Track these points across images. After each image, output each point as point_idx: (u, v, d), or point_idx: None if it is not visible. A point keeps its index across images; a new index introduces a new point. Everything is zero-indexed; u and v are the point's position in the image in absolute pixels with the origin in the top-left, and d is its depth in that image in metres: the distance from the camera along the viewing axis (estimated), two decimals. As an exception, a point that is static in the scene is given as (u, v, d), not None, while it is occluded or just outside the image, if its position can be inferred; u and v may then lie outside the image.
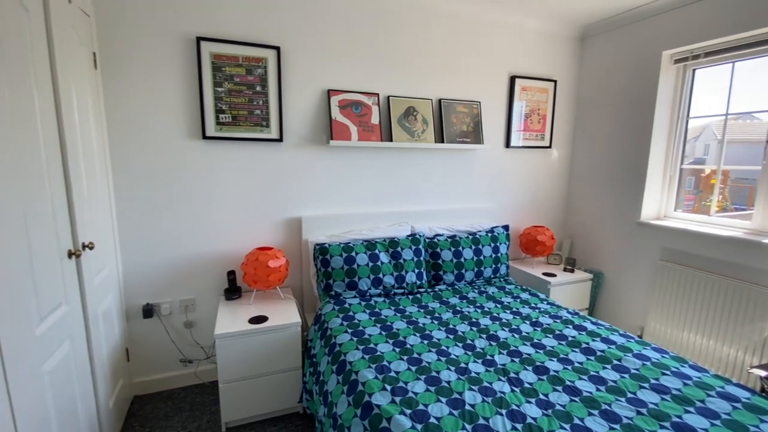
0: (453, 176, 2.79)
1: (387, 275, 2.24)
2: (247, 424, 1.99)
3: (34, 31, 1.31)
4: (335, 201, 2.49)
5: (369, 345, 1.71)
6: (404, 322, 1.95)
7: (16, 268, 1.13)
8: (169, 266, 2.19)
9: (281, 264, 2.15)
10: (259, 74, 2.17)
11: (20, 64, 1.21)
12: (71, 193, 1.49)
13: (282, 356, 1.96)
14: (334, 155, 2.43)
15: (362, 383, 1.46)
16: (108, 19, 1.90)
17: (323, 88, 2.34)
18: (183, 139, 2.11)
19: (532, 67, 2.91)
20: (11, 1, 1.18)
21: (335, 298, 2.16)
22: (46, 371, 1.27)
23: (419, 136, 2.53)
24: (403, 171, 2.63)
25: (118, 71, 1.95)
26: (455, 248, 2.45)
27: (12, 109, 1.15)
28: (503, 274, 2.62)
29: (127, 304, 2.14)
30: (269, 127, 2.24)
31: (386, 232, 2.46)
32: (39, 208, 1.28)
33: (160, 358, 2.25)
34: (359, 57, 2.39)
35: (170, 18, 1.99)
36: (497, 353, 1.69)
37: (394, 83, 2.50)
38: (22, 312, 1.15)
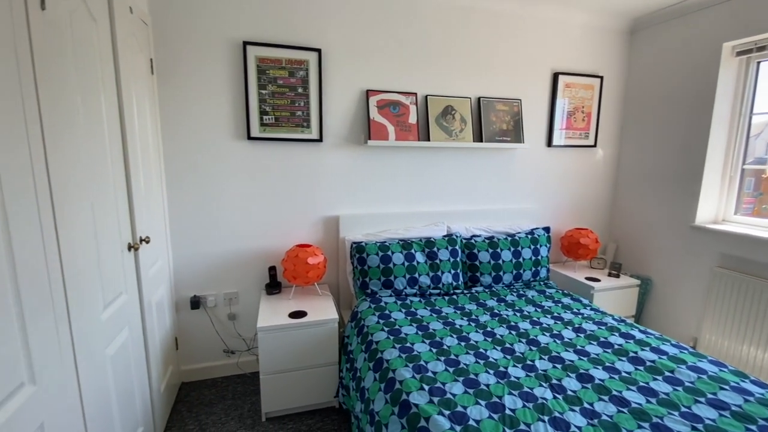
0: (491, 176, 2.74)
1: (423, 275, 2.24)
2: (285, 416, 2.05)
3: (101, 40, 1.42)
4: (372, 200, 2.51)
5: (405, 344, 1.72)
6: (440, 322, 1.94)
7: (86, 259, 1.23)
8: (214, 260, 2.30)
9: (320, 261, 2.20)
10: (301, 76, 2.23)
11: (90, 72, 1.31)
12: (131, 191, 1.60)
13: (320, 351, 2.00)
14: (371, 155, 2.46)
15: (399, 382, 1.47)
16: (163, 27, 2.02)
17: (362, 89, 2.37)
18: (229, 139, 2.21)
19: (577, 63, 2.80)
20: (82, 13, 1.28)
21: (371, 296, 2.19)
22: (109, 354, 1.38)
23: (457, 136, 2.50)
24: (439, 171, 2.61)
25: (172, 76, 2.07)
26: (493, 250, 2.40)
27: (85, 114, 1.25)
28: (543, 278, 2.54)
29: (176, 295, 2.27)
30: (310, 128, 2.29)
31: (422, 232, 2.46)
32: (105, 205, 1.38)
33: (205, 348, 2.37)
34: (397, 57, 2.40)
35: (220, 25, 2.09)
36: (538, 358, 1.65)
37: (432, 82, 2.49)
38: (91, 299, 1.26)
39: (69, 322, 1.11)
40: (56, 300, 1.06)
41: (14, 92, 0.92)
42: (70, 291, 1.12)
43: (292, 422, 2.01)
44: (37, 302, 0.97)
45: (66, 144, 1.14)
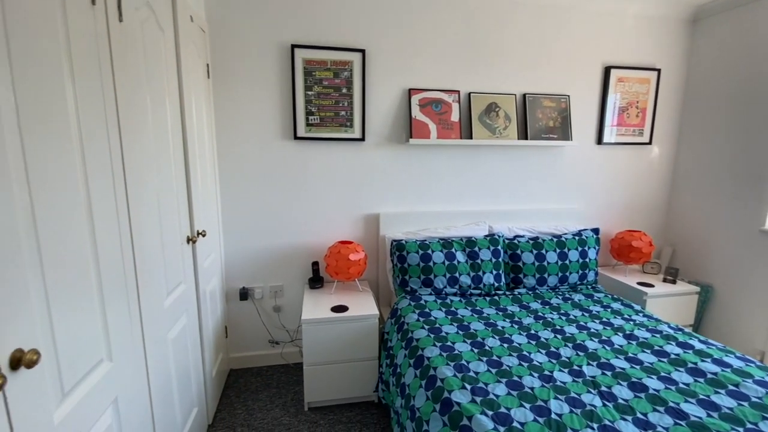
0: (536, 174, 2.66)
1: (463, 275, 2.22)
2: (326, 407, 2.12)
3: (167, 47, 1.53)
4: (412, 199, 2.52)
5: (446, 343, 1.72)
6: (482, 323, 1.91)
7: (153, 250, 1.34)
8: (262, 254, 2.41)
9: (361, 258, 2.24)
10: (345, 77, 2.28)
11: (158, 76, 1.42)
12: (190, 187, 1.71)
13: (360, 345, 2.04)
14: (412, 153, 2.47)
15: (441, 379, 1.47)
16: (219, 34, 2.14)
17: (404, 88, 2.38)
18: (277, 139, 2.30)
19: (631, 56, 2.65)
20: (151, 23, 1.39)
21: (411, 294, 2.20)
22: (171, 338, 1.49)
23: (501, 133, 2.45)
24: (482, 169, 2.57)
25: (225, 80, 2.19)
26: (537, 251, 2.34)
27: (153, 116, 1.36)
28: (591, 281, 2.43)
29: (227, 286, 2.40)
30: (353, 127, 2.34)
31: (463, 231, 2.43)
32: (169, 201, 1.49)
33: (252, 337, 2.50)
34: (440, 55, 2.39)
35: (270, 29, 2.18)
36: (585, 364, 1.59)
37: (475, 79, 2.46)
38: (156, 286, 1.36)
39: (139, 306, 1.22)
40: (129, 286, 1.16)
41: (97, 95, 1.02)
42: (140, 279, 1.23)
43: (332, 413, 2.07)
44: (114, 288, 1.07)
45: (138, 144, 1.24)
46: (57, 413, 0.84)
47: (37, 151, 0.79)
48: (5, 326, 0.70)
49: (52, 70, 0.85)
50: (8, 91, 0.72)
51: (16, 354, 0.72)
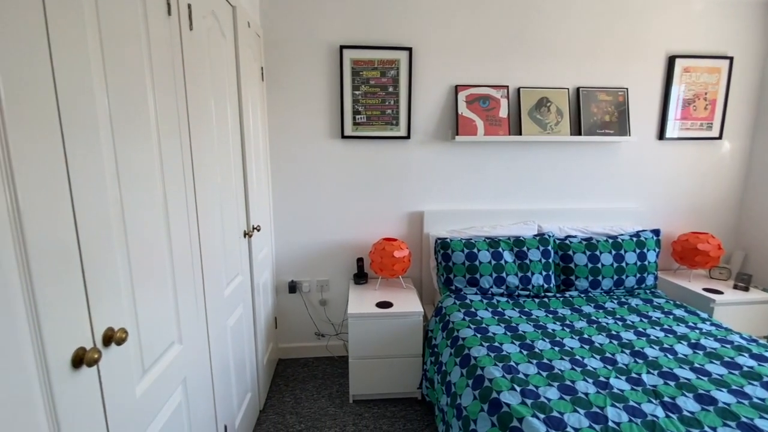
0: (590, 172, 2.53)
1: (511, 275, 2.16)
2: (370, 400, 2.15)
3: (228, 52, 1.62)
4: (457, 196, 2.50)
5: (493, 343, 1.69)
6: (531, 325, 1.86)
7: (215, 243, 1.43)
8: (309, 250, 2.49)
9: (405, 255, 2.26)
10: (392, 75, 2.30)
11: (220, 79, 1.52)
12: (247, 185, 1.81)
13: (404, 342, 2.06)
14: (458, 151, 2.44)
15: (489, 380, 1.45)
16: (272, 38, 2.24)
17: (451, 84, 2.36)
18: (325, 138, 2.37)
19: (698, 44, 2.45)
20: (216, 30, 1.49)
21: (456, 293, 2.18)
22: (229, 326, 1.59)
23: (552, 129, 2.36)
24: (531, 166, 2.49)
25: (278, 82, 2.28)
26: (591, 252, 2.23)
27: (216, 117, 1.46)
28: (650, 286, 2.28)
29: (277, 279, 2.51)
30: (398, 125, 2.36)
31: (510, 231, 2.37)
32: (228, 198, 1.59)
33: (299, 329, 2.59)
34: (488, 50, 2.34)
35: (320, 32, 2.25)
36: (645, 372, 1.50)
37: (525, 74, 2.38)
38: (218, 277, 1.46)
39: (204, 294, 1.31)
40: (196, 275, 1.25)
41: (171, 98, 1.11)
42: (205, 269, 1.32)
43: (376, 407, 2.10)
44: (184, 276, 1.16)
45: (203, 144, 1.33)
46: (138, 388, 0.93)
47: (125, 149, 0.87)
48: (100, 306, 0.78)
49: (136, 76, 0.93)
50: (103, 96, 0.81)
51: (107, 332, 0.80)
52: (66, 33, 0.70)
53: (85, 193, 0.74)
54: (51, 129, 0.66)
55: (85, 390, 0.74)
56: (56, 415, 0.66)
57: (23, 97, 0.61)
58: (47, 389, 0.65)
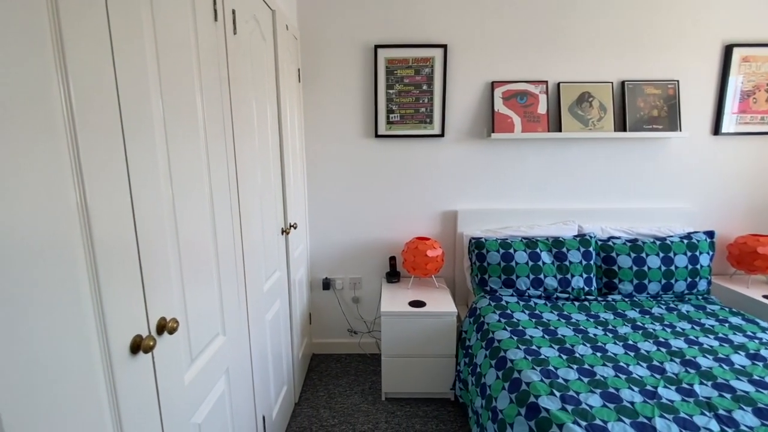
0: (636, 170, 2.40)
1: (549, 277, 2.10)
2: (403, 399, 2.16)
3: (268, 56, 1.68)
4: (492, 195, 2.44)
5: (531, 346, 1.64)
6: (570, 329, 1.79)
7: (255, 239, 1.48)
8: (343, 247, 2.53)
9: (438, 254, 2.24)
10: (426, 73, 2.28)
11: (260, 81, 1.57)
12: (285, 183, 1.86)
13: (437, 342, 2.05)
14: (494, 148, 2.39)
15: (526, 383, 1.41)
16: (308, 40, 2.28)
17: (487, 81, 2.31)
18: (359, 138, 2.39)
19: (759, 31, 2.26)
20: (257, 34, 1.54)
21: (491, 293, 2.14)
22: (268, 319, 1.64)
23: (594, 125, 2.26)
24: (571, 164, 2.40)
25: (314, 83, 2.33)
26: (636, 254, 2.11)
27: (257, 118, 1.51)
28: (703, 291, 2.14)
29: (311, 276, 2.56)
30: (432, 124, 2.34)
31: (548, 231, 2.30)
32: (268, 197, 1.64)
33: (332, 326, 2.64)
34: (526, 44, 2.27)
35: (355, 32, 2.27)
36: (698, 383, 1.40)
37: (565, 68, 2.29)
38: (257, 272, 1.51)
39: (245, 288, 1.36)
40: (238, 270, 1.30)
41: (217, 100, 1.16)
42: (246, 264, 1.37)
43: (409, 406, 2.10)
44: (228, 271, 1.21)
45: (245, 144, 1.38)
46: (187, 375, 0.98)
47: (176, 151, 0.92)
48: (154, 297, 0.83)
49: (186, 80, 0.98)
50: (158, 100, 0.86)
51: (161, 321, 0.85)
52: (127, 42, 0.75)
53: (142, 192, 0.79)
54: (114, 133, 0.71)
55: (141, 375, 0.79)
56: (116, 397, 0.71)
57: (91, 104, 0.65)
58: (109, 372, 0.70)
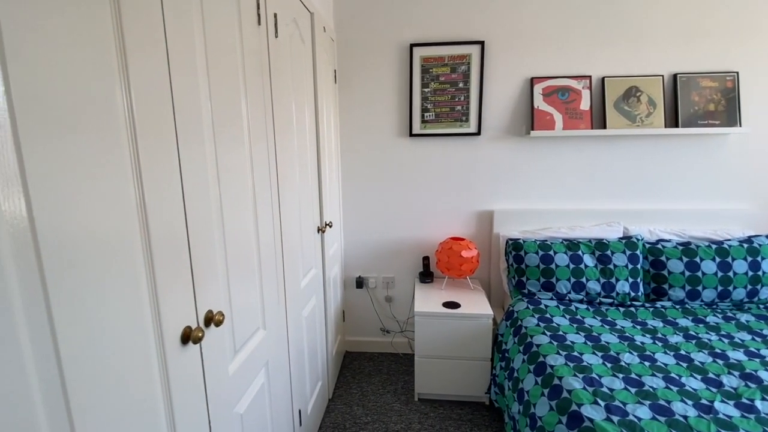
0: (688, 168, 2.25)
1: (591, 281, 2.00)
2: (436, 400, 2.14)
3: (306, 58, 1.71)
4: (530, 195, 2.37)
5: (572, 352, 1.58)
6: (615, 336, 1.71)
7: (293, 237, 1.52)
8: (376, 246, 2.54)
9: (473, 255, 2.20)
10: (462, 71, 2.25)
11: (300, 83, 1.60)
12: (321, 183, 1.90)
13: (472, 345, 2.01)
14: (533, 146, 2.31)
15: (568, 391, 1.36)
16: (344, 41, 2.31)
17: (526, 77, 2.24)
18: (393, 137, 2.39)
19: (840, 13, 2.04)
20: (296, 37, 1.57)
21: (529, 296, 2.07)
22: (304, 316, 1.68)
23: (642, 121, 2.14)
24: (617, 162, 2.28)
25: (349, 83, 2.35)
26: (689, 258, 1.98)
27: (296, 121, 1.55)
28: (765, 300, 1.96)
29: (345, 274, 2.60)
30: (468, 122, 2.30)
31: (591, 232, 2.20)
32: (305, 195, 1.68)
33: (365, 324, 2.66)
34: (568, 38, 2.18)
35: (391, 32, 2.27)
36: (759, 398, 1.29)
37: (610, 61, 2.18)
38: (295, 269, 1.55)
39: (284, 285, 1.40)
40: (278, 267, 1.34)
41: (260, 101, 1.20)
42: (285, 262, 1.41)
43: (442, 408, 2.08)
44: (268, 267, 1.25)
45: (285, 144, 1.42)
46: (231, 366, 1.02)
47: (223, 153, 0.96)
48: (203, 290, 0.87)
49: (232, 84, 1.02)
50: (207, 104, 0.90)
51: (208, 314, 0.89)
52: (180, 48, 0.79)
53: (193, 192, 0.83)
54: (169, 137, 0.75)
55: (190, 364, 0.83)
56: (168, 383, 0.75)
57: (149, 110, 0.70)
58: (162, 360, 0.74)
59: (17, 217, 0.47)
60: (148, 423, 0.70)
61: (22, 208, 0.48)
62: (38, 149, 0.50)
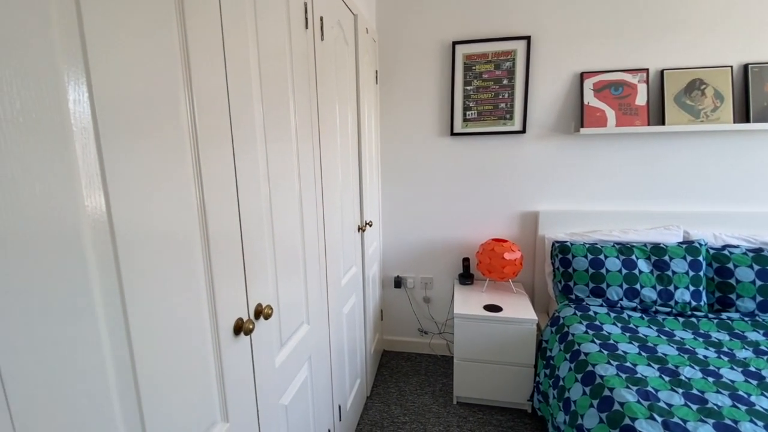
0: (761, 167, 2.04)
1: (646, 287, 1.88)
2: (475, 405, 2.10)
3: (349, 59, 1.74)
4: (578, 196, 2.26)
5: (624, 363, 1.49)
6: (674, 347, 1.59)
7: (335, 236, 1.55)
8: (415, 247, 2.53)
9: (516, 257, 2.13)
10: (507, 67, 2.18)
11: (343, 84, 1.63)
12: (362, 182, 1.92)
13: (514, 350, 1.95)
14: (582, 145, 2.20)
15: (620, 403, 1.28)
16: (386, 41, 2.32)
17: (575, 72, 2.14)
18: (434, 136, 2.37)
19: None
20: (340, 39, 1.60)
21: (576, 302, 1.98)
22: (345, 313, 1.71)
23: (707, 116, 1.97)
24: (677, 161, 2.12)
25: (390, 83, 2.36)
26: (761, 266, 1.80)
27: (339, 122, 1.57)
28: None
29: (383, 273, 2.61)
30: (512, 120, 2.23)
31: (646, 236, 2.06)
32: (347, 194, 1.71)
33: (403, 324, 2.66)
34: (622, 28, 2.05)
35: (432, 31, 2.25)
36: None
37: (670, 52, 2.03)
38: (336, 267, 1.58)
39: (326, 282, 1.43)
40: (321, 264, 1.37)
41: (306, 103, 1.23)
42: (328, 259, 1.44)
43: (482, 413, 2.04)
44: (312, 264, 1.29)
45: (328, 144, 1.45)
46: (277, 358, 1.06)
47: (272, 153, 1.00)
48: (254, 285, 0.91)
49: (281, 87, 1.06)
50: (259, 106, 0.94)
51: (258, 307, 0.93)
52: (236, 52, 0.83)
53: (246, 191, 0.87)
54: (225, 138, 0.80)
55: (241, 354, 0.87)
56: (222, 371, 0.79)
57: (209, 113, 0.74)
58: (217, 348, 0.78)
59: (98, 211, 0.52)
60: (205, 405, 0.74)
61: (102, 203, 0.52)
62: (116, 152, 0.54)
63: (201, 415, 0.74)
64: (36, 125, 0.44)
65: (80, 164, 0.49)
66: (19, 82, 0.42)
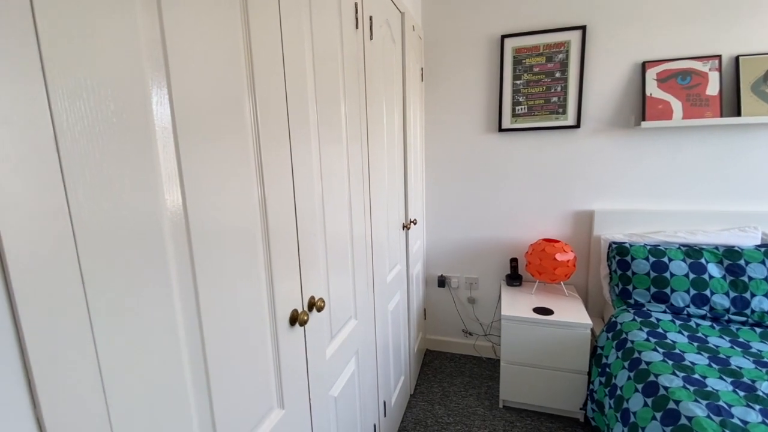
0: None
1: (718, 294, 1.72)
2: (523, 410, 2.03)
3: (396, 58, 1.75)
4: (640, 194, 2.11)
5: (692, 375, 1.37)
6: (750, 360, 1.44)
7: (381, 233, 1.57)
8: (459, 246, 2.49)
9: (569, 259, 2.03)
10: (560, 60, 2.09)
11: (390, 82, 1.64)
12: (407, 181, 1.92)
13: (566, 355, 1.86)
14: (643, 139, 2.06)
15: (687, 417, 1.18)
16: (432, 38, 2.31)
17: (636, 61, 2.00)
18: (480, 133, 2.32)
19: None
20: (388, 38, 1.61)
21: (636, 307, 1.85)
22: (390, 309, 1.72)
23: (794, 106, 1.76)
24: (754, 157, 1.92)
25: (435, 80, 2.34)
26: None
27: (386, 120, 1.59)
28: None
29: (427, 272, 2.60)
30: (565, 114, 2.13)
31: (717, 238, 1.88)
32: (392, 192, 1.72)
33: (446, 324, 2.63)
34: (690, 12, 1.89)
35: (480, 25, 2.21)
36: None
37: (746, 37, 1.84)
38: (382, 264, 1.59)
39: (373, 278, 1.45)
40: (368, 261, 1.39)
41: (355, 103, 1.25)
42: (374, 256, 1.46)
43: (530, 419, 1.97)
44: (359, 260, 1.31)
45: (375, 143, 1.47)
46: (328, 350, 1.09)
47: (325, 152, 1.03)
48: (308, 278, 0.95)
49: (333, 87, 1.09)
50: (314, 106, 0.97)
51: (311, 300, 0.97)
52: (294, 59, 0.86)
53: (301, 189, 0.91)
54: (283, 138, 0.83)
55: (295, 344, 0.90)
56: (279, 359, 0.83)
57: (269, 114, 0.78)
58: (275, 337, 0.82)
59: (176, 205, 0.56)
60: (264, 391, 0.78)
61: (179, 198, 0.57)
62: (190, 150, 0.59)
63: (261, 400, 0.78)
64: (126, 125, 0.49)
65: (161, 161, 0.54)
66: (113, 86, 0.47)
